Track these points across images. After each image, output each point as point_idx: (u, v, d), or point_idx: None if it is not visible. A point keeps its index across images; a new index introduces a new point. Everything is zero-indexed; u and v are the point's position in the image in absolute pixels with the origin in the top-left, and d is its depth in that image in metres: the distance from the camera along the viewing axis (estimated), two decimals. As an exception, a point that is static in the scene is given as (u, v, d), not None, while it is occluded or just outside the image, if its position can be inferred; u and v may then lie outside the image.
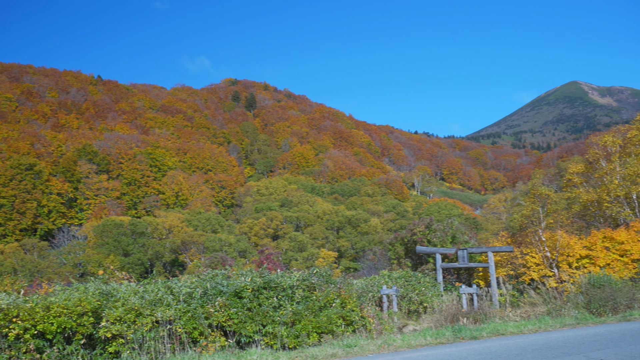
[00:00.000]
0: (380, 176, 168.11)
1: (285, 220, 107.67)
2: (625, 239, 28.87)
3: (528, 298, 22.79)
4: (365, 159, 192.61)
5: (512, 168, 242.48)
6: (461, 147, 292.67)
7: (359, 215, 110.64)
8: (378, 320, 15.93)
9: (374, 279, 24.00)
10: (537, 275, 27.98)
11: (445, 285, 27.07)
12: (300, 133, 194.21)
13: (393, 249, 33.61)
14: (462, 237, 32.39)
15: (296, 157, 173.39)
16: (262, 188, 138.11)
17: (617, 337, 12.24)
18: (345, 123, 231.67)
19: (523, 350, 11.01)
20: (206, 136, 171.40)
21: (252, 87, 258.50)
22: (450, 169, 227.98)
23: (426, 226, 32.00)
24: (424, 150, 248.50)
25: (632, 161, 40.52)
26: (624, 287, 18.70)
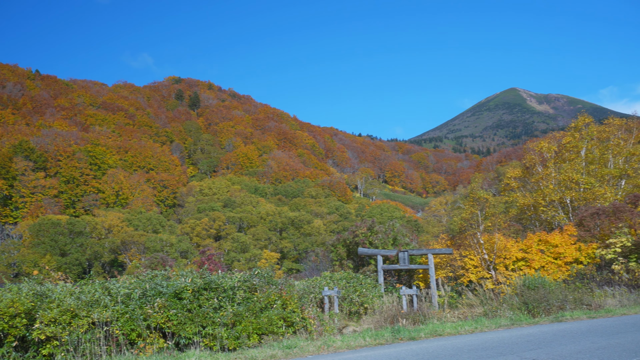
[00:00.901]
0: (324, 178, 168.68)
1: (228, 220, 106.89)
2: (559, 242, 29.76)
3: (466, 299, 23.22)
4: (309, 160, 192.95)
5: (453, 172, 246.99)
6: (404, 150, 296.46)
7: (302, 217, 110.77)
8: (319, 321, 15.97)
9: (315, 280, 24.03)
10: (475, 277, 28.55)
11: (386, 287, 27.33)
12: (245, 133, 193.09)
13: (335, 250, 33.75)
14: (403, 239, 32.77)
15: (240, 157, 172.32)
16: (205, 188, 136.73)
17: (549, 337, 12.61)
18: (290, 124, 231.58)
19: (459, 351, 11.23)
20: (148, 135, 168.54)
21: (196, 85, 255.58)
22: (393, 171, 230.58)
23: (368, 228, 32.25)
24: (368, 152, 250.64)
25: (567, 167, 41.84)
26: (557, 289, 19.27)
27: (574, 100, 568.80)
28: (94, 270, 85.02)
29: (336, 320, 17.87)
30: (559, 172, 41.93)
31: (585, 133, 43.61)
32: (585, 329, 13.83)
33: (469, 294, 24.01)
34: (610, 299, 21.31)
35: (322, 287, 22.01)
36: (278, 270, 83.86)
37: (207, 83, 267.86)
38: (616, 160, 42.76)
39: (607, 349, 10.77)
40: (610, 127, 44.67)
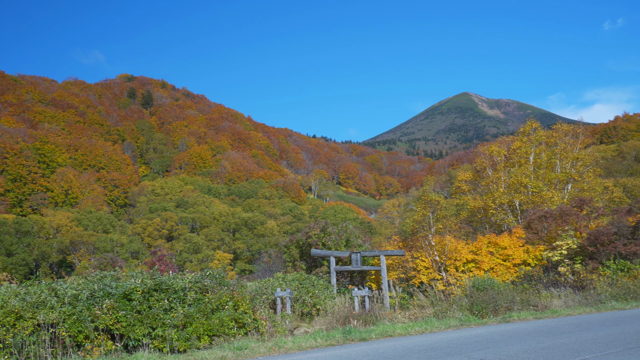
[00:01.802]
0: (278, 179, 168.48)
1: (181, 221, 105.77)
2: (508, 244, 30.38)
3: (417, 301, 23.47)
4: (264, 161, 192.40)
5: (406, 174, 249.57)
6: (358, 153, 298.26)
7: (256, 218, 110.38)
8: (271, 322, 15.95)
9: (268, 281, 23.99)
10: (426, 279, 28.92)
11: (338, 288, 27.44)
12: (198, 133, 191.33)
13: (288, 251, 33.73)
14: (356, 240, 32.93)
15: (193, 157, 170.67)
16: (157, 188, 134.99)
17: (496, 337, 12.86)
18: (244, 125, 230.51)
19: (409, 351, 11.36)
20: (99, 133, 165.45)
21: (149, 84, 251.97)
22: (347, 173, 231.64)
23: (321, 229, 32.33)
24: (322, 154, 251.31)
25: (516, 171, 42.74)
26: (505, 290, 19.65)
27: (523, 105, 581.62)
28: (41, 270, 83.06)
29: (288, 322, 17.86)
30: (509, 175, 42.77)
31: (534, 138, 44.61)
32: (532, 329, 14.15)
33: (420, 295, 24.29)
34: (556, 300, 21.83)
35: (275, 288, 21.99)
36: (231, 272, 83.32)
37: (160, 81, 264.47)
38: (563, 165, 43.84)
39: (551, 348, 11.05)
40: (558, 133, 45.78)
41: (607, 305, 19.64)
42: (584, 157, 44.12)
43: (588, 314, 17.89)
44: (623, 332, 12.98)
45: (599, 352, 10.51)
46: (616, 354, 10.24)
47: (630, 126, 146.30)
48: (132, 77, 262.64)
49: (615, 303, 20.36)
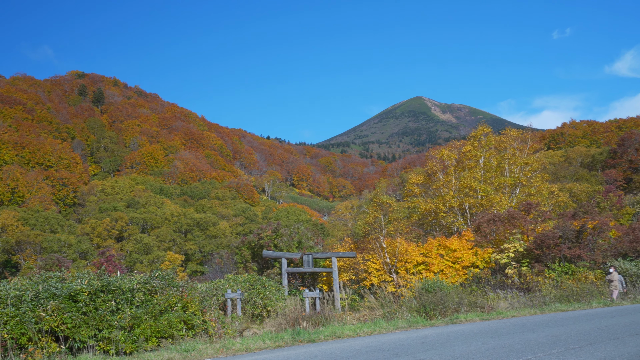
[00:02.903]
0: (231, 180, 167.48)
1: (131, 221, 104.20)
2: (457, 247, 30.86)
3: (367, 302, 23.64)
4: (217, 161, 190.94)
5: (360, 177, 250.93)
6: (312, 154, 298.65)
7: (208, 218, 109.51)
8: (220, 324, 15.86)
9: (219, 282, 23.87)
10: (377, 281, 29.15)
11: (290, 290, 27.45)
12: (150, 132, 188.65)
13: (240, 252, 33.61)
14: (308, 242, 33.00)
15: (145, 156, 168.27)
16: (108, 187, 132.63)
17: (443, 338, 13.06)
18: (198, 124, 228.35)
19: (357, 353, 11.44)
20: (48, 130, 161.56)
21: (100, 81, 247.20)
22: (300, 175, 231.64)
23: (273, 231, 32.31)
24: (276, 155, 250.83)
25: (466, 175, 43.45)
26: (453, 292, 19.96)
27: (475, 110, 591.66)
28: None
29: (238, 323, 17.79)
30: (459, 179, 43.45)
31: (484, 142, 45.41)
32: (478, 330, 14.41)
33: (371, 297, 24.47)
34: (502, 301, 22.28)
35: (226, 289, 21.89)
36: (182, 273, 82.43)
37: (112, 79, 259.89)
38: (512, 170, 44.73)
39: (496, 349, 11.27)
40: (507, 138, 46.69)
41: (551, 307, 20.13)
42: (532, 162, 45.11)
43: (533, 315, 18.31)
44: (565, 333, 13.33)
45: (541, 352, 10.77)
46: (557, 354, 10.51)
47: (577, 133, 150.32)
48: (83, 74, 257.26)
49: (559, 305, 20.89)
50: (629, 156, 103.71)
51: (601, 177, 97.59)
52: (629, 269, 27.03)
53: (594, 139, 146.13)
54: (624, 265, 27.35)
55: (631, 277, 26.64)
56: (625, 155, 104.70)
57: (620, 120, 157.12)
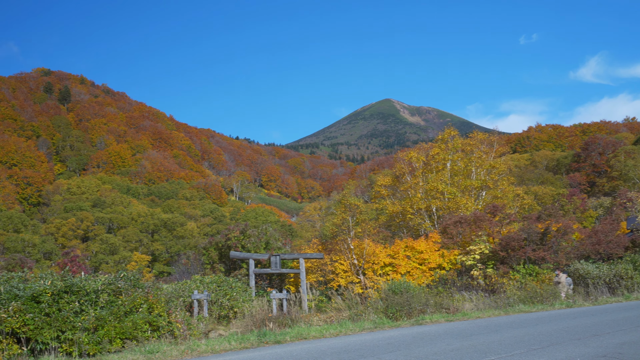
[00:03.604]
0: (199, 180, 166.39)
1: (97, 221, 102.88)
2: (424, 248, 31.10)
3: (334, 304, 23.68)
4: (185, 161, 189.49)
5: (328, 178, 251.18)
6: (281, 155, 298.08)
7: (176, 219, 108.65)
8: (186, 325, 15.75)
9: (185, 283, 23.71)
10: (344, 282, 29.23)
11: (257, 291, 27.39)
12: (118, 131, 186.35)
13: (207, 253, 33.43)
14: (276, 243, 32.97)
15: (112, 156, 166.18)
16: (74, 187, 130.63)
17: (409, 339, 13.16)
18: (166, 124, 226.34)
19: (323, 354, 11.46)
20: (12, 128, 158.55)
21: (67, 79, 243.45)
22: (269, 176, 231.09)
23: (241, 232, 32.20)
24: (244, 156, 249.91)
25: (433, 177, 43.84)
26: (419, 294, 20.10)
27: (444, 113, 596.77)
28: (-55, 271, 78.84)
29: (203, 324, 17.69)
30: (427, 181, 43.81)
31: (451, 145, 45.84)
32: (443, 331, 14.55)
33: (338, 298, 24.52)
34: (468, 303, 22.50)
35: (192, 290, 21.75)
36: (148, 273, 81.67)
37: (79, 77, 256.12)
38: (478, 172, 45.24)
39: (460, 350, 11.39)
40: (474, 141, 47.21)
41: (515, 308, 20.40)
42: (499, 165, 45.68)
43: (497, 316, 18.54)
44: (528, 334, 13.53)
45: (504, 353, 10.92)
46: (520, 355, 10.67)
47: (542, 136, 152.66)
48: (49, 71, 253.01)
49: (523, 306, 21.18)
50: (593, 160, 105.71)
51: (565, 180, 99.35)
52: (590, 271, 27.52)
53: (559, 143, 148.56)
54: (586, 267, 27.84)
55: (593, 279, 27.12)
56: (589, 159, 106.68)
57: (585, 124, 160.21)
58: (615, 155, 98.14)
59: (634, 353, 10.66)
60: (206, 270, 32.42)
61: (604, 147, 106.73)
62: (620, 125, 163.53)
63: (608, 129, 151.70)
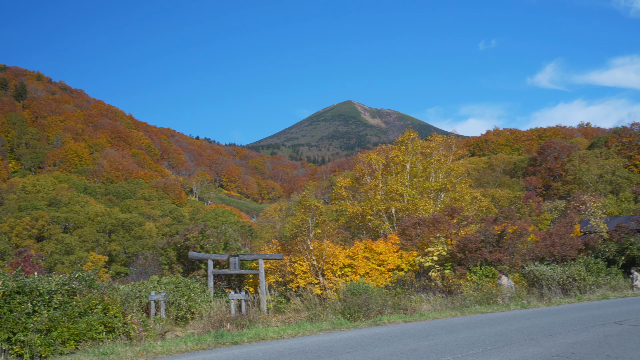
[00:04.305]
0: (159, 180, 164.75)
1: (53, 220, 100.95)
2: (383, 250, 31.29)
3: (293, 305, 23.66)
4: (144, 161, 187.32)
5: (289, 179, 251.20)
6: (241, 156, 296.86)
7: (134, 219, 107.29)
8: (142, 326, 15.56)
9: (142, 284, 23.39)
10: (303, 283, 29.23)
11: (215, 292, 27.21)
12: (75, 129, 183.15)
13: (165, 254, 33.08)
14: (235, 244, 32.82)
15: (69, 154, 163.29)
16: (29, 185, 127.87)
17: (366, 340, 13.23)
18: (125, 122, 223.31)
19: (280, 355, 11.45)
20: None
21: (23, 75, 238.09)
22: (229, 176, 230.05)
23: (200, 232, 31.96)
24: (205, 156, 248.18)
25: (393, 179, 44.17)
26: (377, 295, 20.22)
27: (404, 116, 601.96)
28: None
29: (160, 326, 17.50)
30: (386, 183, 44.10)
31: (411, 147, 46.26)
32: (400, 332, 14.66)
33: (297, 299, 24.51)
34: (425, 304, 22.71)
35: (149, 291, 21.48)
36: (105, 274, 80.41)
37: (35, 73, 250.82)
38: (437, 175, 45.73)
39: (416, 350, 11.50)
40: (433, 144, 47.71)
41: (471, 309, 20.67)
42: (457, 168, 46.28)
43: (453, 317, 18.76)
44: (483, 334, 13.73)
45: (459, 353, 11.07)
46: (475, 355, 10.83)
47: (500, 140, 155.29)
48: (4, 67, 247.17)
49: (479, 307, 21.47)
50: (548, 164, 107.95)
51: (522, 183, 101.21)
52: (545, 272, 28.05)
53: (516, 146, 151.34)
54: (540, 269, 28.35)
55: (547, 280, 27.65)
56: (545, 163, 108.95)
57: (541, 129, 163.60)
58: (570, 160, 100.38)
59: (585, 353, 10.91)
60: (164, 270, 32.07)
61: (559, 151, 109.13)
62: (575, 130, 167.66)
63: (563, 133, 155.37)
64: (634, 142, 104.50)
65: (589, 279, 28.63)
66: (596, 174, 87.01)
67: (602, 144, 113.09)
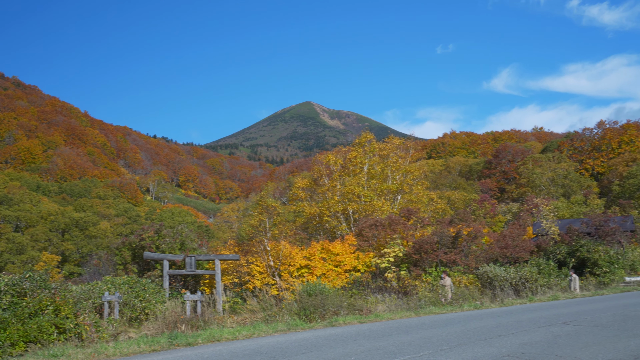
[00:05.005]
0: (114, 178, 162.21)
1: (3, 219, 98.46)
2: (340, 251, 31.45)
3: (249, 305, 23.60)
4: (99, 159, 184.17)
5: (247, 179, 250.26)
6: (199, 155, 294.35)
7: (88, 218, 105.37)
8: (95, 328, 15.30)
9: (96, 284, 23.03)
10: (260, 284, 29.18)
11: (171, 292, 26.97)
12: (28, 126, 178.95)
13: (120, 254, 32.63)
14: (192, 244, 32.58)
15: (21, 151, 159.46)
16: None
17: (321, 341, 13.27)
18: (80, 120, 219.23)
19: (234, 356, 11.41)
20: None
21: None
22: (187, 176, 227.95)
23: (156, 232, 31.62)
24: (162, 155, 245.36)
25: (351, 180, 44.38)
26: (333, 295, 20.28)
27: (363, 118, 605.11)
28: None
29: (113, 327, 17.24)
30: (344, 185, 44.30)
31: (369, 149, 46.55)
32: (355, 332, 14.75)
33: (253, 300, 24.44)
34: (381, 305, 22.89)
35: (103, 292, 21.17)
36: (58, 274, 78.81)
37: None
38: (394, 176, 46.14)
39: (371, 351, 11.59)
40: (391, 146, 48.11)
41: (426, 310, 20.91)
42: (414, 170, 46.75)
43: (408, 317, 18.95)
44: (437, 334, 13.91)
45: (413, 354, 11.19)
46: (428, 355, 10.97)
47: (456, 143, 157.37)
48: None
49: (434, 308, 21.74)
50: (503, 167, 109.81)
51: (477, 186, 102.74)
52: (498, 274, 28.54)
53: (472, 149, 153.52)
54: (494, 270, 28.84)
55: (500, 281, 28.13)
56: (500, 166, 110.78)
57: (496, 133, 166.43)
58: (523, 163, 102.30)
59: (534, 352, 11.16)
60: (118, 271, 31.64)
61: (513, 155, 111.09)
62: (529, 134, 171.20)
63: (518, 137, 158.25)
64: (585, 146, 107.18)
65: (540, 280, 29.25)
66: (549, 178, 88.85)
67: (554, 148, 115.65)
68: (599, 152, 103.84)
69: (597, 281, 32.63)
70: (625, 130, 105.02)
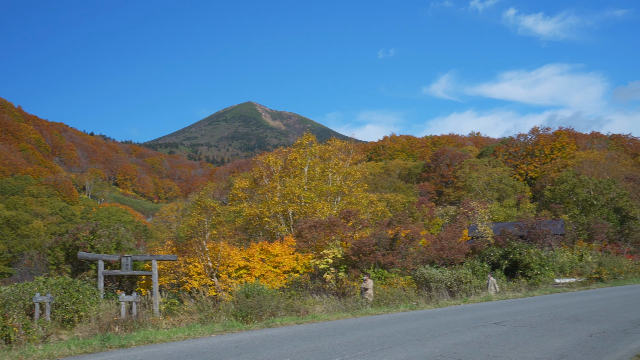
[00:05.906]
0: (49, 176, 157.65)
1: None
2: (279, 252, 31.45)
3: (186, 306, 23.37)
4: (33, 156, 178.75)
5: (187, 179, 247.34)
6: (138, 154, 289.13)
7: (20, 216, 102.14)
8: (24, 330, 14.87)
9: (27, 285, 22.35)
10: (198, 284, 28.91)
11: (106, 293, 26.45)
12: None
13: (53, 253, 31.80)
14: (128, 244, 32.04)
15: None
16: None
17: (257, 342, 13.25)
18: (13, 115, 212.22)
19: (168, 358, 11.28)
20: None
21: None
22: (125, 174, 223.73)
23: (91, 231, 30.95)
24: (99, 153, 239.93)
25: (291, 181, 44.43)
26: (270, 297, 20.28)
27: (304, 119, 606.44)
28: None
29: (43, 329, 16.79)
30: (284, 185, 44.32)
31: (309, 151, 46.73)
32: (291, 333, 14.79)
33: (190, 301, 24.20)
34: (318, 306, 23.00)
35: (34, 292, 20.57)
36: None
37: None
38: (334, 178, 46.42)
39: (307, 351, 11.66)
40: (332, 147, 48.42)
41: (362, 311, 21.10)
42: (354, 172, 47.16)
43: (345, 318, 19.10)
44: (373, 335, 14.08)
45: (348, 354, 11.32)
46: (363, 356, 11.11)
47: (396, 146, 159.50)
48: None
49: (371, 309, 21.97)
50: (441, 171, 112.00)
51: (416, 189, 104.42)
52: (434, 275, 29.05)
53: (411, 153, 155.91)
54: (430, 272, 29.34)
55: (436, 282, 28.64)
56: (438, 169, 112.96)
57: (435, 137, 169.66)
58: (461, 167, 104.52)
59: (466, 352, 11.45)
60: (51, 271, 30.81)
61: (451, 158, 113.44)
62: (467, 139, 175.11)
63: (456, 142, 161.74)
64: (519, 152, 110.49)
65: (474, 281, 29.93)
66: (485, 181, 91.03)
67: (491, 153, 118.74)
68: (532, 158, 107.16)
69: (529, 283, 33.58)
70: (557, 136, 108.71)
